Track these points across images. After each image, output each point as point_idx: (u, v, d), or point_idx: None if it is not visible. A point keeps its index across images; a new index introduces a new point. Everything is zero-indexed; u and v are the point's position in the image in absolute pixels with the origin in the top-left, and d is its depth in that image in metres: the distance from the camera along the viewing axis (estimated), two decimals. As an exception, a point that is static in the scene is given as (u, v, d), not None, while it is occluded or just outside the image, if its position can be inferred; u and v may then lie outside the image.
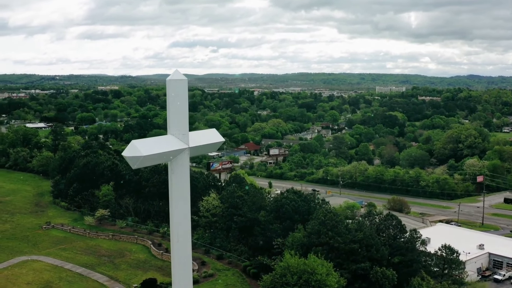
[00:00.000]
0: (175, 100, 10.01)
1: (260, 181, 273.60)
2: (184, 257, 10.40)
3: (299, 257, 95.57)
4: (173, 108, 10.03)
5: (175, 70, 10.20)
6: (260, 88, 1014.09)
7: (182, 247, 10.32)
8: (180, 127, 10.08)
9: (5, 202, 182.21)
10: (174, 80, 9.97)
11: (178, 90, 10.03)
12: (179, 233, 10.24)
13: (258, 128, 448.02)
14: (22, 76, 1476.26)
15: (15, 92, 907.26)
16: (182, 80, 10.04)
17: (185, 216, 10.40)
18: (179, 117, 10.12)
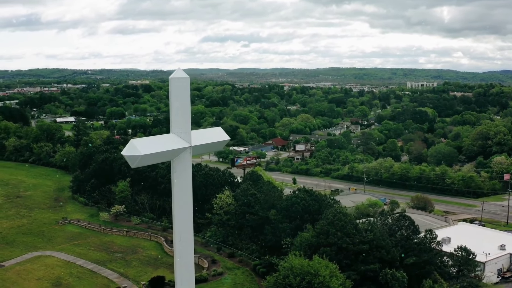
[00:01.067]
0: (177, 98, 9.89)
1: (285, 177, 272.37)
2: (186, 256, 10.35)
3: (305, 257, 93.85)
4: (175, 107, 9.88)
5: (178, 68, 10.11)
6: (290, 83, 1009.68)
7: (184, 246, 10.27)
8: (182, 126, 9.94)
9: (24, 197, 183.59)
10: (176, 78, 9.88)
11: (180, 88, 9.92)
12: (181, 232, 10.19)
13: (286, 123, 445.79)
14: (54, 71, 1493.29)
15: (47, 86, 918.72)
16: (184, 78, 9.96)
17: (187, 215, 10.31)
18: (181, 116, 9.95)
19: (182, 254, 10.32)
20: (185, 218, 10.29)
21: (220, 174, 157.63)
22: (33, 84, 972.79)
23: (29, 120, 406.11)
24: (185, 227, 10.29)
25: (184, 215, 10.27)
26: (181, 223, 10.27)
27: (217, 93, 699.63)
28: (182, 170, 10.03)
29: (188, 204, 10.32)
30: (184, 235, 10.28)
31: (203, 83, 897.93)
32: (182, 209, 10.23)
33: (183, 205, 10.24)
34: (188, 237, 10.35)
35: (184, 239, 10.28)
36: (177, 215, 10.23)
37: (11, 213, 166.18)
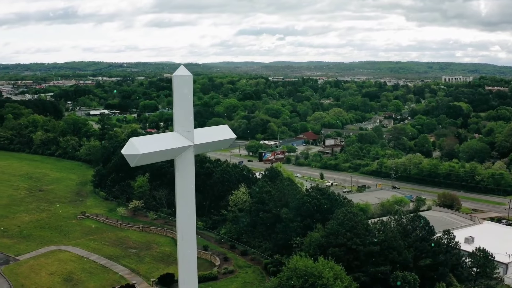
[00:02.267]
0: (180, 96, 9.67)
1: (314, 172, 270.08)
2: (189, 255, 10.13)
3: (313, 258, 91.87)
4: (177, 105, 9.70)
5: (181, 66, 9.82)
6: (325, 77, 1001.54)
7: (187, 245, 10.05)
8: (184, 124, 9.73)
9: (47, 191, 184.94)
10: (180, 76, 9.61)
11: (183, 86, 9.66)
12: (184, 231, 10.02)
13: (318, 117, 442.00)
14: (90, 64, 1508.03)
15: (82, 79, 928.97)
16: (187, 76, 9.73)
17: (190, 213, 10.14)
18: (183, 114, 9.73)
19: (185, 252, 10.09)
20: (188, 217, 10.13)
21: (237, 170, 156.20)
22: (69, 77, 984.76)
23: (62, 113, 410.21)
24: (188, 225, 10.13)
25: (187, 214, 10.12)
26: (184, 221, 10.07)
27: (251, 86, 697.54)
28: (185, 168, 9.82)
29: (191, 202, 10.17)
30: (187, 233, 10.12)
31: (237, 76, 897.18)
32: (185, 208, 10.06)
33: (186, 204, 10.08)
34: (191, 235, 10.18)
35: (187, 238, 10.11)
36: (180, 214, 10.02)
37: (31, 207, 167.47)
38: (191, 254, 10.19)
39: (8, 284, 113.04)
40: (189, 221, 10.12)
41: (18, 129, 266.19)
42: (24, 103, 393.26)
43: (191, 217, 10.17)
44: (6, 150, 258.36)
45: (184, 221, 10.05)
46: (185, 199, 10.04)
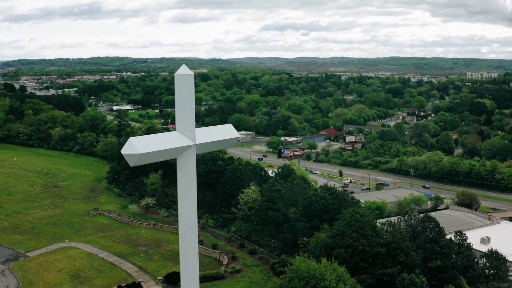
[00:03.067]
0: (181, 95, 9.78)
1: (333, 169, 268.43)
2: (191, 254, 10.23)
3: (319, 259, 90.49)
4: (179, 104, 9.79)
5: (182, 65, 9.94)
6: (349, 72, 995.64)
7: (188, 245, 10.16)
8: (186, 123, 9.79)
9: (61, 187, 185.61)
10: (181, 75, 9.74)
11: (184, 85, 9.79)
12: (186, 230, 10.14)
13: (340, 114, 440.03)
14: (115, 59, 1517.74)
15: (106, 74, 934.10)
16: (188, 75, 9.81)
17: (191, 213, 10.20)
18: (185, 113, 9.79)
19: (186, 252, 10.20)
20: (189, 216, 10.21)
21: (249, 168, 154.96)
22: (93, 72, 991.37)
23: (85, 109, 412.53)
24: (190, 224, 10.20)
25: (189, 213, 10.20)
26: (186, 221, 10.19)
27: (274, 82, 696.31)
28: (187, 168, 9.92)
29: (193, 202, 10.22)
30: (189, 233, 10.18)
31: (261, 72, 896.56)
32: (187, 207, 10.16)
33: (188, 203, 10.15)
34: (192, 235, 10.23)
35: (189, 237, 10.17)
36: (182, 213, 10.16)
37: (45, 203, 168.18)
38: (193, 253, 10.29)
39: (16, 280, 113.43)
40: (191, 221, 10.19)
41: (37, 125, 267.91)
42: (48, 98, 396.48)
43: (192, 216, 10.23)
44: (25, 146, 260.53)
45: (186, 221, 10.18)
46: (187, 199, 10.11)
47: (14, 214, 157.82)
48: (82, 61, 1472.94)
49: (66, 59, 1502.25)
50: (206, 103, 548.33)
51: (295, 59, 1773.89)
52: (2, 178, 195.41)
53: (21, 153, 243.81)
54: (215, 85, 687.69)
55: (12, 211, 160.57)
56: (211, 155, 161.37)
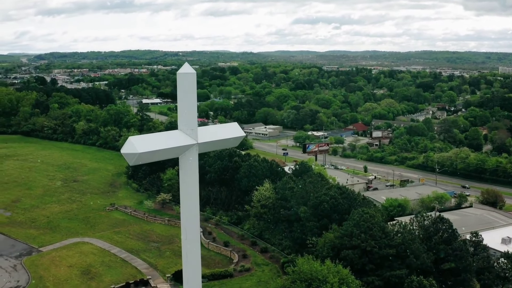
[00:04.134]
0: (183, 94, 9.56)
1: (358, 164, 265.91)
2: (193, 254, 10.04)
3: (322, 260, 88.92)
4: (181, 103, 9.63)
5: (185, 63, 9.82)
6: (381, 66, 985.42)
7: (190, 245, 9.95)
8: (188, 122, 9.59)
9: (81, 181, 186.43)
10: (183, 73, 9.49)
11: (187, 84, 9.51)
12: (187, 230, 9.91)
13: (369, 108, 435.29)
14: (146, 52, 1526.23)
15: (137, 67, 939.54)
16: (191, 73, 9.53)
17: (194, 212, 10.01)
18: (187, 112, 9.59)
19: (188, 252, 10.01)
20: (191, 216, 9.99)
21: (265, 165, 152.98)
22: (125, 65, 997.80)
23: (114, 102, 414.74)
24: (192, 224, 9.99)
25: (191, 213, 9.98)
26: (188, 220, 9.95)
27: (304, 76, 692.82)
28: (189, 167, 9.74)
29: (195, 201, 9.99)
30: (191, 232, 9.98)
31: (291, 65, 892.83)
32: (189, 206, 9.94)
33: (190, 203, 9.94)
34: (194, 234, 10.04)
35: (191, 237, 10.00)
36: (184, 213, 9.92)
37: (63, 198, 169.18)
38: (195, 253, 10.09)
39: (27, 275, 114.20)
40: (193, 220, 10.00)
41: (62, 119, 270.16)
42: (77, 91, 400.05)
43: (195, 216, 10.05)
44: (50, 140, 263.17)
45: (188, 220, 9.96)
46: (189, 198, 9.93)
47: (31, 208, 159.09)
48: (113, 54, 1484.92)
49: (98, 52, 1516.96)
50: (235, 97, 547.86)
51: (326, 53, 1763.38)
52: (24, 172, 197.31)
53: (45, 146, 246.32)
54: (244, 79, 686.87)
55: (30, 205, 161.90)
56: (228, 151, 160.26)
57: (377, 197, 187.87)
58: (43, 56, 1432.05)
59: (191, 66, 9.63)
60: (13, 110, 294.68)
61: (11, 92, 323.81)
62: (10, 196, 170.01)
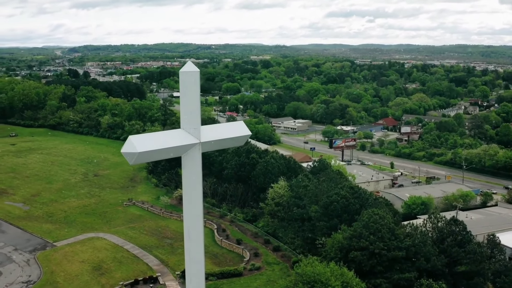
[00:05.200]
0: (186, 92, 9.56)
1: (385, 160, 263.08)
2: (196, 254, 10.04)
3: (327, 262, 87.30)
4: (184, 101, 9.62)
5: (188, 62, 9.85)
6: (414, 60, 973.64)
7: (193, 245, 9.98)
8: (191, 121, 9.61)
9: (102, 176, 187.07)
10: (186, 72, 9.47)
11: (189, 82, 9.52)
12: (190, 230, 9.91)
13: (400, 103, 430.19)
14: (179, 45, 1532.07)
15: (170, 60, 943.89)
16: (194, 72, 9.52)
17: (197, 212, 9.90)
18: (190, 111, 9.60)
19: (191, 251, 10.03)
20: (195, 215, 9.88)
21: (282, 162, 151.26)
22: (157, 58, 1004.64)
23: (145, 95, 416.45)
24: (195, 224, 9.92)
25: (193, 213, 9.86)
26: (191, 220, 9.89)
27: (335, 69, 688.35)
28: (192, 166, 9.70)
29: (198, 201, 9.89)
30: (194, 232, 9.94)
31: (323, 59, 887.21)
32: (192, 206, 9.84)
33: (193, 202, 9.86)
34: (197, 234, 9.99)
35: (194, 237, 9.98)
36: (187, 212, 9.87)
37: (82, 192, 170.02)
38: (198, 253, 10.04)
39: (39, 270, 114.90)
40: (196, 220, 9.90)
41: (88, 113, 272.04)
42: (109, 84, 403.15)
43: (198, 216, 9.92)
44: (76, 133, 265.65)
45: (191, 220, 9.87)
46: (192, 198, 9.83)
47: (49, 202, 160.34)
48: (147, 47, 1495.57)
49: (131, 45, 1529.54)
50: (265, 90, 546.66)
51: (360, 46, 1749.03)
52: (46, 166, 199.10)
53: (69, 140, 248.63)
54: (276, 72, 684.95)
55: (49, 199, 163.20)
56: (246, 147, 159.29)
57: (401, 194, 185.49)
58: (77, 49, 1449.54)
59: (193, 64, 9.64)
60: (40, 103, 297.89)
61: (39, 85, 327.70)
62: (30, 190, 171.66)
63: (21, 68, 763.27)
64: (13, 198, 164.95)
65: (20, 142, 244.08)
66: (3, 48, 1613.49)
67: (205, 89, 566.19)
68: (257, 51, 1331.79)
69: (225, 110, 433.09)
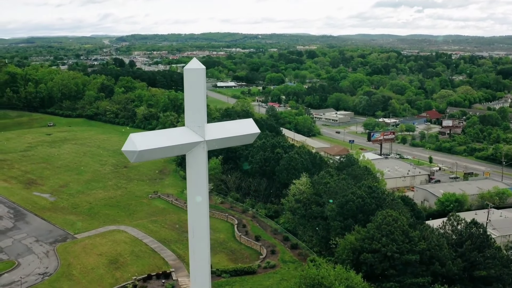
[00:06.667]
0: (191, 90, 9.49)
1: (424, 154, 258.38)
2: (200, 253, 10.00)
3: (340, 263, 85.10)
4: (188, 99, 9.53)
5: (193, 59, 9.71)
6: (462, 51, 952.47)
7: (198, 243, 9.95)
8: (195, 119, 9.57)
9: (131, 168, 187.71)
10: (191, 69, 9.42)
11: (194, 80, 9.46)
12: (194, 228, 9.92)
13: (444, 95, 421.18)
14: (226, 35, 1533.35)
15: (216, 50, 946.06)
16: (199, 69, 9.49)
17: (202, 212, 9.93)
18: (194, 108, 9.55)
19: (196, 250, 9.96)
20: (198, 214, 9.88)
21: (306, 157, 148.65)
22: (203, 48, 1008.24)
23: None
24: (199, 223, 9.92)
25: (197, 211, 9.86)
26: (195, 219, 9.90)
27: (381, 60, 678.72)
28: (196, 165, 9.66)
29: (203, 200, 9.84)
30: (198, 231, 9.91)
31: (369, 49, 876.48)
32: (195, 205, 9.83)
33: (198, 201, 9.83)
34: (202, 233, 9.98)
35: (198, 236, 9.94)
36: (191, 211, 9.91)
37: (110, 184, 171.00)
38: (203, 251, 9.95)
39: (57, 262, 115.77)
40: (201, 218, 9.84)
41: (124, 103, 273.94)
42: (153, 74, 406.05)
43: (203, 215, 9.87)
44: (112, 124, 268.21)
45: (195, 218, 9.83)
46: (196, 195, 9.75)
47: (76, 194, 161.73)
48: (194, 36, 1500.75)
49: (178, 35, 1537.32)
50: (310, 81, 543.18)
51: (408, 37, 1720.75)
52: (77, 157, 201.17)
53: (105, 130, 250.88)
54: (321, 63, 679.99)
55: (76, 190, 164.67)
56: (272, 141, 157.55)
57: (435, 190, 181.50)
58: (125, 38, 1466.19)
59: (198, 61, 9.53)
60: (79, 94, 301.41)
61: (78, 76, 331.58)
62: (59, 181, 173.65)
63: (68, 57, 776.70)
64: (41, 188, 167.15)
65: (56, 132, 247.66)
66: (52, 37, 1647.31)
67: (249, 79, 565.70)
68: (304, 41, 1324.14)
69: (267, 100, 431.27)
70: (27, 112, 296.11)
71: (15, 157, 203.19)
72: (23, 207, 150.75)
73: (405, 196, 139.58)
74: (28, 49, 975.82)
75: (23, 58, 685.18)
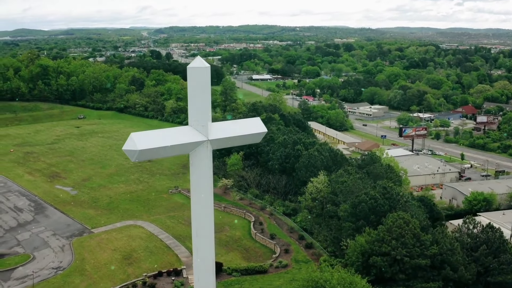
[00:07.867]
0: (195, 89, 9.37)
1: (460, 150, 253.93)
2: (204, 252, 9.88)
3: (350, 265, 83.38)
4: (192, 98, 9.44)
5: (197, 57, 9.65)
6: (503, 45, 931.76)
7: (201, 243, 9.81)
8: (199, 118, 9.45)
9: (155, 162, 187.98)
10: (195, 68, 9.26)
11: (198, 79, 9.30)
12: (198, 227, 9.76)
13: (481, 90, 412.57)
14: (263, 27, 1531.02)
15: (253, 42, 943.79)
16: (203, 68, 9.31)
17: (206, 211, 9.79)
18: (198, 107, 9.45)
19: (199, 249, 9.82)
20: (203, 214, 9.71)
21: (327, 155, 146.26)
22: (241, 40, 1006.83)
23: (223, 78, 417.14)
24: (204, 223, 9.75)
25: (201, 210, 9.69)
26: (198, 218, 9.71)
27: (419, 54, 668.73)
28: (200, 164, 9.50)
29: (208, 200, 9.71)
30: (202, 231, 9.74)
31: (407, 43, 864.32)
32: (199, 204, 9.65)
33: (201, 201, 9.67)
34: (206, 232, 9.81)
35: (202, 235, 9.78)
36: (195, 210, 9.72)
37: (132, 178, 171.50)
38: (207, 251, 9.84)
39: (71, 257, 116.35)
40: (205, 218, 9.70)
41: (154, 97, 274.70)
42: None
43: (207, 214, 9.73)
44: (141, 117, 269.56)
45: (199, 219, 9.68)
46: (200, 195, 9.60)
47: (98, 187, 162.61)
48: (231, 29, 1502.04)
49: (216, 27, 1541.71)
50: (345, 74, 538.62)
51: (447, 30, 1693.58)
52: (103, 150, 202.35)
53: (134, 124, 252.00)
54: (358, 56, 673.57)
55: (98, 184, 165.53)
56: (293, 138, 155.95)
57: (464, 189, 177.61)
58: (163, 30, 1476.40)
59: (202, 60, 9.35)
60: (110, 86, 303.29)
61: (109, 68, 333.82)
62: (82, 175, 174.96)
63: (106, 48, 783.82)
64: (64, 182, 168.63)
65: (85, 125, 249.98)
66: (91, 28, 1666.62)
67: (285, 72, 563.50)
68: (341, 34, 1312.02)
69: (301, 94, 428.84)
70: (58, 104, 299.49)
71: (42, 150, 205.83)
72: (44, 200, 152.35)
73: (424, 197, 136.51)
74: (67, 41, 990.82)
75: (62, 49, 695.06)
